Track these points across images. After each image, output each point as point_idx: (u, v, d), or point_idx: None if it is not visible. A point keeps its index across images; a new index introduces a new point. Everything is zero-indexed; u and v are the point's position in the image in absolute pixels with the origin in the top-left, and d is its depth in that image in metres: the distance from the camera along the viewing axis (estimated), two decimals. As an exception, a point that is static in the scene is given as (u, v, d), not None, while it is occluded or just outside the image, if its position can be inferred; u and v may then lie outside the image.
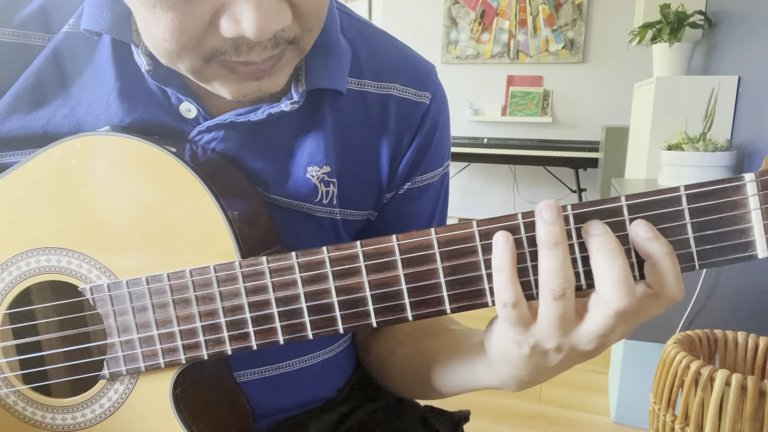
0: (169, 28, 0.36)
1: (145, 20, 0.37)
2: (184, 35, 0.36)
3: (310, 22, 0.40)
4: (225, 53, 0.38)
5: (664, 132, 1.77)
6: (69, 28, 0.45)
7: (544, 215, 0.33)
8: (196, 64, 0.39)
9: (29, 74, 0.45)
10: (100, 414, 0.44)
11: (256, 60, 0.38)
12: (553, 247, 0.33)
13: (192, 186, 0.40)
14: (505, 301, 0.34)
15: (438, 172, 0.57)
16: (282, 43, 0.39)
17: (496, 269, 0.35)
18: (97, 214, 0.42)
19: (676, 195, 0.34)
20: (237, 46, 0.37)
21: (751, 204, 0.33)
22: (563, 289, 0.33)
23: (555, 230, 0.33)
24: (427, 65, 0.55)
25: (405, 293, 0.37)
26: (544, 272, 0.34)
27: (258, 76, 0.40)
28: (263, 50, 0.38)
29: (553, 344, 0.35)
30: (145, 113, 0.45)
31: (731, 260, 0.34)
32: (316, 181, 0.48)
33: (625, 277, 0.32)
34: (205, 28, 0.36)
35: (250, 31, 0.35)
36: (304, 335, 0.39)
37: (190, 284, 0.40)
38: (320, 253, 0.37)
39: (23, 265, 0.43)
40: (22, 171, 0.42)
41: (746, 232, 0.34)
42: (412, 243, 0.36)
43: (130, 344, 0.41)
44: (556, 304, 0.34)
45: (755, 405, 0.98)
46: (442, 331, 0.52)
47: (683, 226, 0.34)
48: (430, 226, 0.34)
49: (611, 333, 0.34)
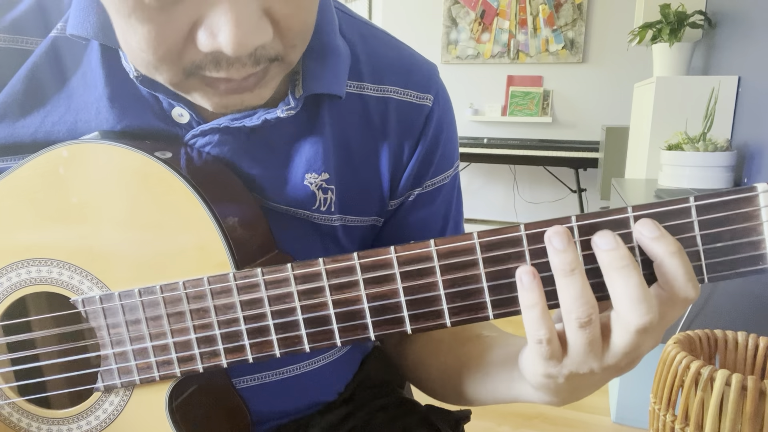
0: (145, 38, 0.34)
1: (121, 29, 0.36)
2: (161, 47, 0.35)
3: (293, 39, 0.38)
4: (204, 68, 0.36)
5: (664, 132, 1.77)
6: (56, 33, 0.44)
7: (555, 243, 0.32)
8: (175, 77, 0.37)
9: (17, 80, 0.44)
10: (95, 426, 0.43)
11: (235, 77, 0.37)
12: (570, 274, 0.32)
13: (184, 196, 0.40)
14: (540, 338, 0.33)
15: (449, 174, 0.55)
16: (263, 61, 0.37)
17: (527, 307, 0.33)
18: (86, 224, 0.41)
19: (686, 206, 0.33)
20: (216, 61, 0.36)
21: (764, 215, 0.32)
22: (588, 315, 0.32)
23: (569, 257, 0.32)
24: (428, 66, 0.54)
25: (404, 306, 0.36)
26: (565, 301, 0.32)
27: (239, 91, 0.39)
28: (243, 67, 0.36)
29: (586, 370, 0.34)
30: (136, 119, 0.44)
31: (741, 273, 0.33)
32: (314, 188, 0.48)
33: (642, 294, 0.31)
34: (182, 40, 0.35)
35: (226, 46, 0.33)
36: (301, 348, 0.38)
37: (184, 296, 0.39)
38: (316, 265, 0.37)
39: (14, 276, 0.42)
40: (10, 179, 0.41)
41: (758, 245, 0.32)
42: (410, 255, 0.35)
43: (123, 357, 0.41)
44: (584, 332, 0.32)
45: (755, 405, 0.98)
46: (475, 338, 0.50)
47: (692, 238, 0.33)
48: (447, 228, 0.33)
49: (640, 348, 0.33)
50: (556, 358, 0.34)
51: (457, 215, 0.58)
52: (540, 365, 0.35)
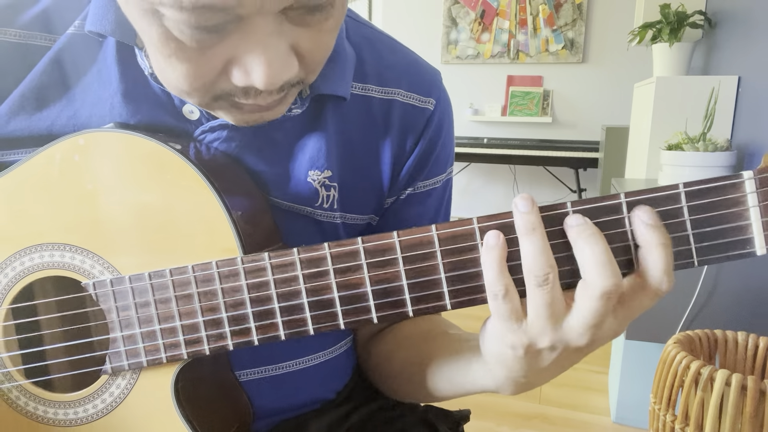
0: (183, 75, 0.37)
1: (159, 65, 0.38)
2: (197, 81, 0.38)
3: (315, 67, 0.41)
4: (234, 95, 0.39)
5: (664, 132, 1.77)
6: (74, 30, 0.46)
7: (520, 206, 0.34)
8: (204, 101, 0.40)
9: (34, 75, 0.45)
10: (102, 409, 0.44)
11: (262, 103, 0.40)
12: (531, 232, 0.34)
13: (195, 183, 0.41)
14: (495, 292, 0.35)
15: (441, 179, 0.56)
16: (287, 88, 0.40)
17: (485, 265, 0.35)
18: (100, 210, 0.42)
19: (675, 192, 0.34)
20: (246, 91, 0.39)
21: (750, 201, 0.34)
22: (545, 273, 0.34)
23: (531, 218, 0.34)
24: (432, 71, 0.55)
25: (406, 289, 0.37)
26: (526, 260, 0.34)
27: (261, 111, 0.41)
28: (269, 95, 0.39)
29: (546, 342, 0.35)
30: (149, 115, 0.45)
31: (730, 257, 0.34)
32: (317, 185, 0.49)
33: (607, 258, 0.33)
34: (217, 75, 0.38)
35: (260, 83, 0.36)
36: (305, 330, 0.39)
37: (193, 280, 0.40)
38: (322, 249, 0.38)
39: (27, 261, 0.43)
40: (26, 167, 0.43)
41: (745, 230, 0.34)
42: (413, 239, 0.37)
43: (132, 339, 0.41)
44: (542, 291, 0.34)
45: (755, 405, 0.98)
46: (440, 335, 0.52)
47: (682, 223, 0.35)
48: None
49: (602, 324, 0.34)
50: (515, 318, 0.35)
51: (444, 220, 0.59)
52: (500, 326, 0.36)
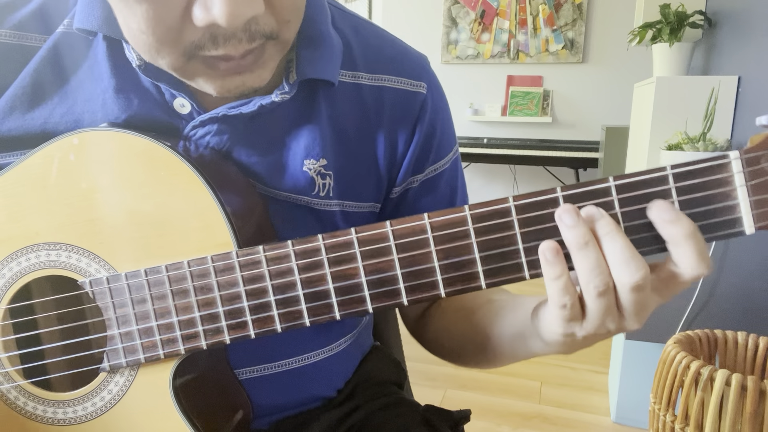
0: (144, 18, 0.36)
1: (121, 13, 0.38)
2: (160, 26, 0.37)
3: (286, 14, 0.40)
4: (203, 47, 0.38)
5: (664, 132, 1.77)
6: (64, 28, 0.46)
7: (566, 220, 0.35)
8: (177, 60, 0.39)
9: (26, 74, 0.45)
10: (101, 407, 0.44)
11: (233, 54, 0.39)
12: (583, 247, 0.34)
13: (189, 179, 0.41)
14: (564, 303, 0.35)
15: (449, 158, 0.57)
16: (258, 37, 0.39)
17: (551, 280, 0.35)
18: (96, 208, 0.42)
19: (663, 174, 0.34)
20: (213, 37, 0.37)
21: (737, 181, 0.34)
22: (606, 284, 0.34)
23: (580, 231, 0.34)
24: (419, 56, 0.56)
25: (400, 278, 0.37)
26: (583, 273, 0.35)
27: (239, 71, 0.40)
28: (239, 43, 0.38)
29: (603, 330, 0.37)
30: (140, 110, 0.45)
31: (720, 236, 0.34)
32: (313, 174, 0.49)
33: (630, 254, 0.34)
34: (180, 18, 0.37)
35: (220, 17, 0.35)
36: (301, 322, 0.39)
37: (188, 275, 0.40)
38: (315, 240, 0.38)
39: (23, 261, 0.43)
40: (22, 168, 0.43)
41: (733, 209, 0.34)
42: (405, 229, 0.37)
43: (129, 336, 0.41)
44: (602, 299, 0.35)
45: (755, 405, 0.98)
46: (487, 304, 0.52)
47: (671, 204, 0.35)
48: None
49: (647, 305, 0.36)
50: (576, 320, 0.36)
51: (463, 195, 0.60)
52: (561, 327, 0.37)
